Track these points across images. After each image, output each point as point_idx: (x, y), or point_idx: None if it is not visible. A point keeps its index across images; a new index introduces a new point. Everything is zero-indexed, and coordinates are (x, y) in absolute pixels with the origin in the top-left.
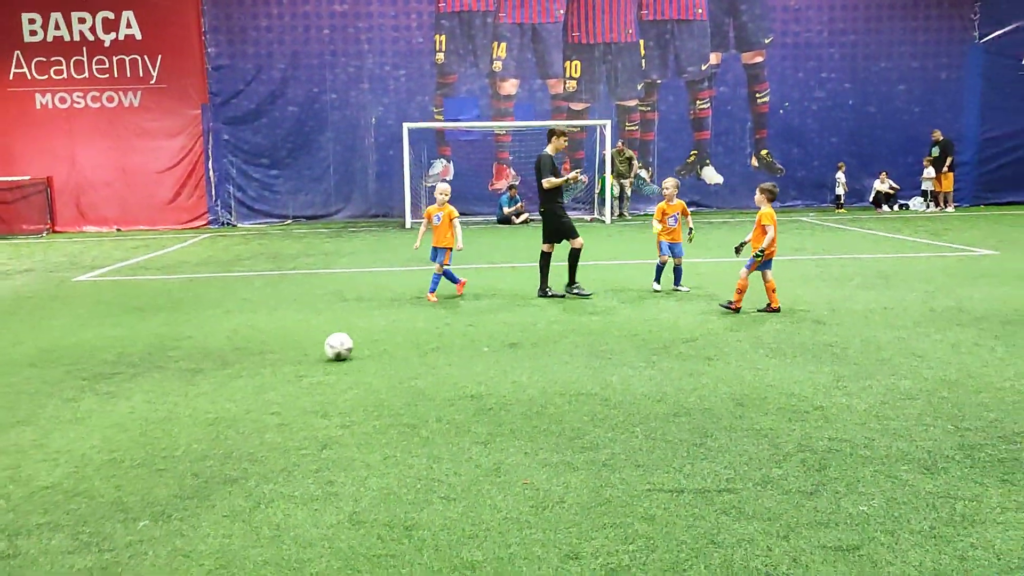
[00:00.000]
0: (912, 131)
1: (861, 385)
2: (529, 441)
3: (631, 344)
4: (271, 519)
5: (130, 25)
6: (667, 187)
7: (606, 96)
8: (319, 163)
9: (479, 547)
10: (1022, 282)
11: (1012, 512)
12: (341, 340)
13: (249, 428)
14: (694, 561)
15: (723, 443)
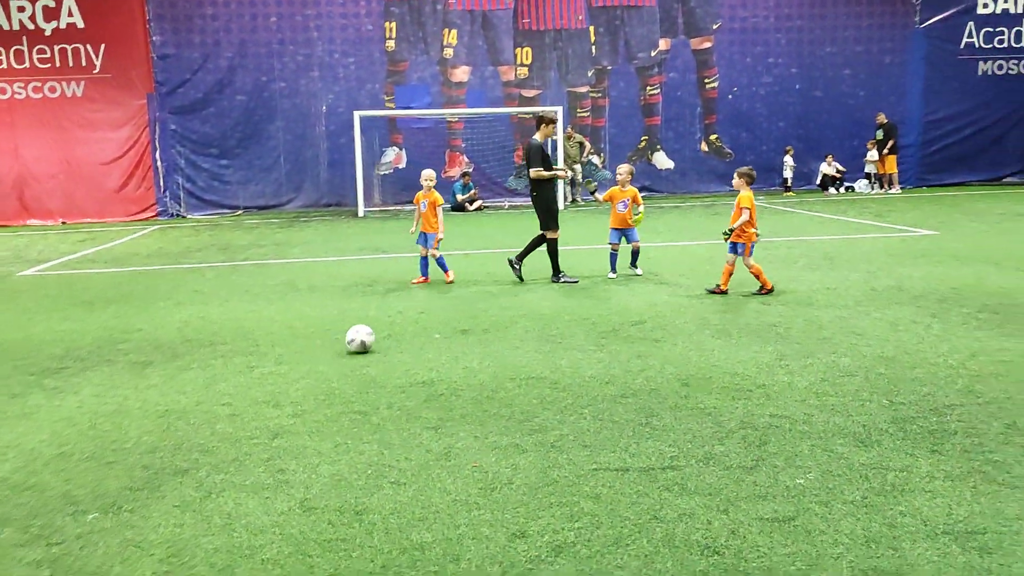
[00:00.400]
0: (857, 114)
1: (802, 363)
2: (479, 425)
3: (581, 328)
4: (222, 508)
5: (72, 14)
6: (620, 172)
7: (557, 83)
8: (269, 152)
9: (428, 529)
10: (958, 261)
11: (939, 480)
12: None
13: (200, 419)
14: (637, 536)
15: (668, 422)
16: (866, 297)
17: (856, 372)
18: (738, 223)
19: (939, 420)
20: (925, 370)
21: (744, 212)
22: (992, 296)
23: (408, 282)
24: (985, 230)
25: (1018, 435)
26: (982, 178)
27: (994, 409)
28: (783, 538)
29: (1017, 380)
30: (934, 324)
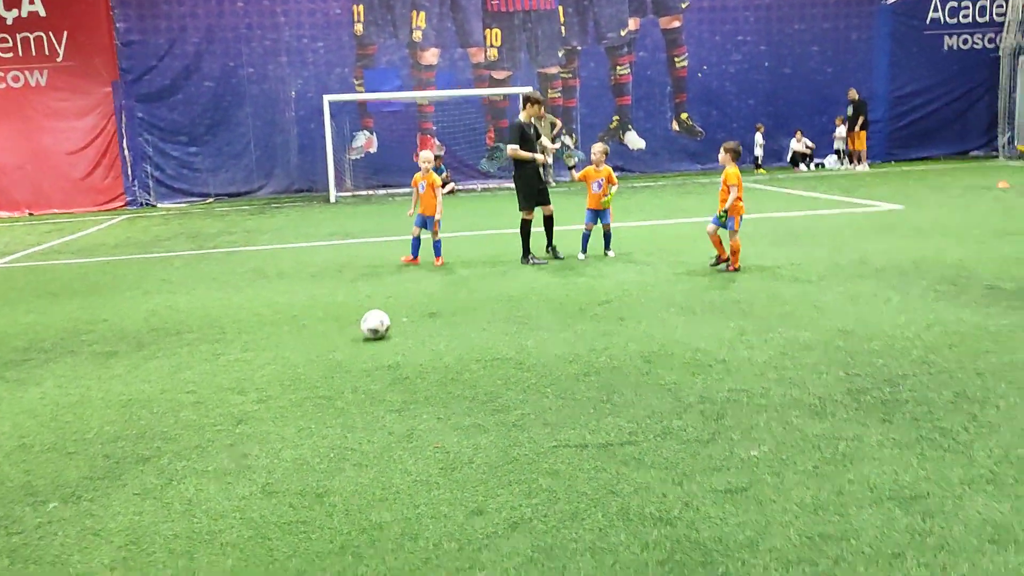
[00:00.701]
0: (826, 91)
1: (763, 338)
2: (443, 407)
3: (548, 309)
4: (183, 494)
5: (33, 2)
6: (595, 152)
7: (527, 64)
8: (239, 139)
9: (388, 509)
10: (921, 235)
11: (888, 448)
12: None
13: (163, 408)
14: (592, 510)
15: (629, 399)
16: (829, 272)
17: (815, 346)
18: (729, 202)
19: (892, 390)
20: (882, 342)
21: (732, 190)
22: (951, 268)
23: (377, 266)
24: (948, 204)
25: (966, 403)
26: (948, 152)
27: (945, 378)
28: (735, 508)
29: (969, 350)
30: (894, 297)
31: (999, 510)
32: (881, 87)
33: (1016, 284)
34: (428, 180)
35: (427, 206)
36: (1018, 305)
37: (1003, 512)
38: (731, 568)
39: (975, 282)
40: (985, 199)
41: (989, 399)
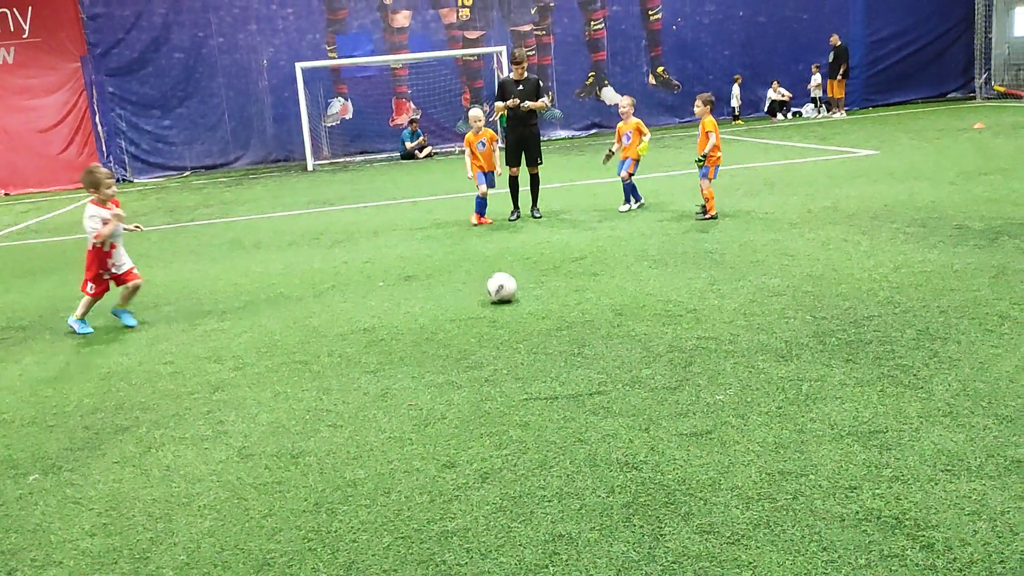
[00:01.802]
0: (802, 38)
1: (733, 287)
2: (417, 366)
3: (523, 267)
4: (161, 461)
5: None
6: (623, 105)
7: (500, 22)
8: (213, 111)
9: (362, 466)
10: (894, 179)
11: (850, 387)
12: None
13: (141, 379)
14: (561, 458)
15: (599, 351)
16: (801, 219)
17: (784, 292)
18: (708, 148)
19: (857, 331)
20: (849, 285)
21: (710, 136)
22: (921, 211)
23: (354, 232)
24: (923, 147)
25: (928, 340)
26: (926, 95)
27: (909, 317)
28: (699, 451)
29: (934, 289)
30: (863, 241)
31: (953, 440)
32: (857, 32)
33: (984, 223)
34: (488, 136)
35: (489, 162)
36: (984, 244)
37: (957, 443)
38: (694, 507)
39: (944, 223)
40: (960, 141)
41: (951, 335)
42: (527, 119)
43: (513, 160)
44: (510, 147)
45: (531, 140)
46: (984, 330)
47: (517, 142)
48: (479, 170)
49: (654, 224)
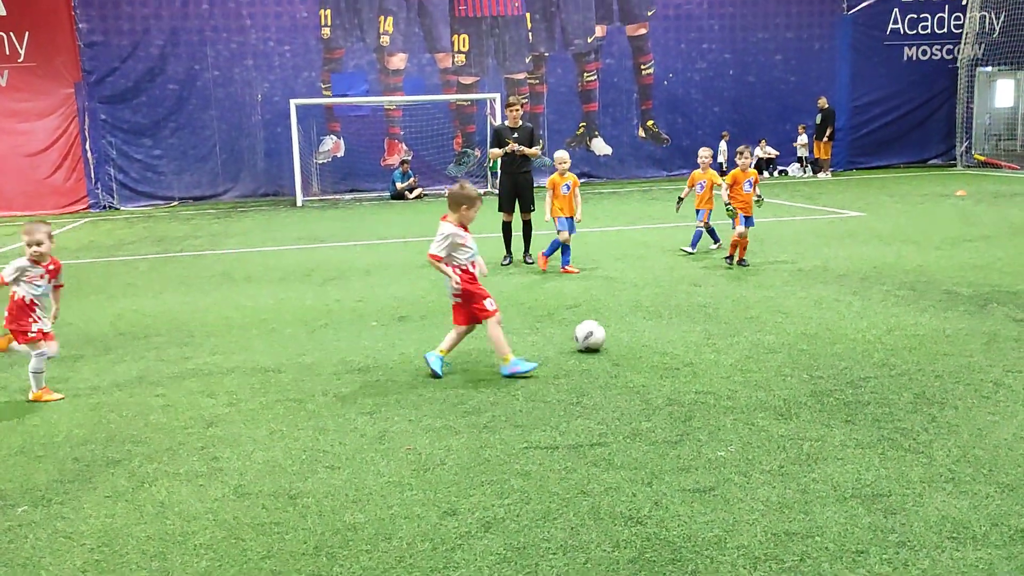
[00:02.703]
0: (789, 99)
1: (728, 342)
2: (414, 409)
3: (517, 312)
4: (155, 497)
5: None
6: (702, 157)
7: (495, 69)
8: (204, 142)
9: (361, 510)
10: (881, 241)
11: (851, 448)
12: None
13: (132, 411)
14: (564, 510)
15: (598, 401)
16: (793, 277)
17: (779, 349)
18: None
19: (854, 392)
20: (844, 345)
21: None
22: (910, 274)
23: (346, 270)
24: (908, 211)
25: (925, 404)
26: (908, 160)
27: (905, 380)
28: (703, 507)
29: (928, 353)
30: (855, 302)
31: (957, 507)
32: (843, 96)
33: (972, 289)
34: (573, 180)
35: (569, 206)
36: (974, 310)
37: (961, 510)
38: (700, 565)
39: (933, 287)
40: (944, 207)
41: (947, 400)
42: (522, 165)
43: (508, 206)
44: (505, 193)
45: (526, 187)
46: (980, 396)
47: (512, 188)
48: (560, 214)
49: (646, 274)
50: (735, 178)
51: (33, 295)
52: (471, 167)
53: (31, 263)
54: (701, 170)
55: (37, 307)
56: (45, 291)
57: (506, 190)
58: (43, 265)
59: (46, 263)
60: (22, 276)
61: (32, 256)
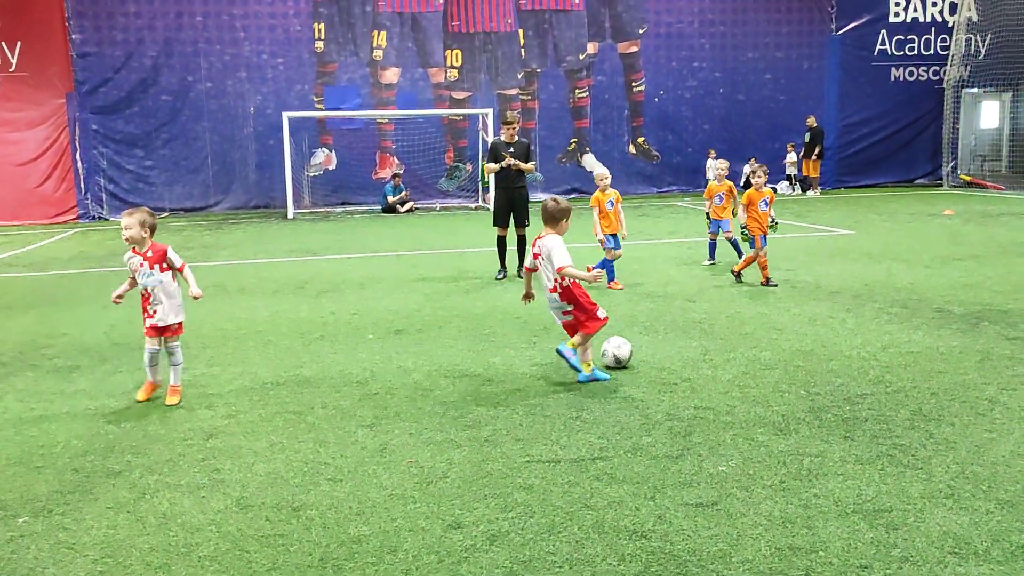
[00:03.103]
0: (778, 118)
1: (725, 357)
2: (414, 422)
3: (514, 327)
4: (157, 508)
5: None
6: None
7: (487, 85)
8: (196, 153)
9: (365, 523)
10: (871, 259)
11: (851, 464)
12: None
13: (131, 422)
14: (568, 523)
15: (597, 415)
16: (786, 294)
17: (776, 365)
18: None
19: (852, 408)
20: (840, 362)
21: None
22: (901, 292)
23: (339, 283)
24: (896, 229)
25: (922, 421)
26: (895, 179)
27: (901, 397)
28: (706, 521)
29: (923, 370)
30: (848, 319)
31: (958, 523)
32: (831, 115)
33: (963, 308)
34: (616, 196)
35: (613, 224)
36: (966, 328)
37: (961, 525)
38: None
39: (925, 305)
40: (932, 226)
41: (944, 417)
42: (517, 180)
43: (502, 221)
44: (500, 208)
45: (520, 202)
46: (976, 414)
47: (507, 203)
48: (607, 232)
49: (640, 291)
50: (750, 198)
51: (144, 285)
52: (462, 181)
53: (130, 252)
54: (717, 182)
55: (150, 299)
56: (155, 281)
57: (500, 205)
58: (141, 253)
59: (143, 250)
60: (128, 266)
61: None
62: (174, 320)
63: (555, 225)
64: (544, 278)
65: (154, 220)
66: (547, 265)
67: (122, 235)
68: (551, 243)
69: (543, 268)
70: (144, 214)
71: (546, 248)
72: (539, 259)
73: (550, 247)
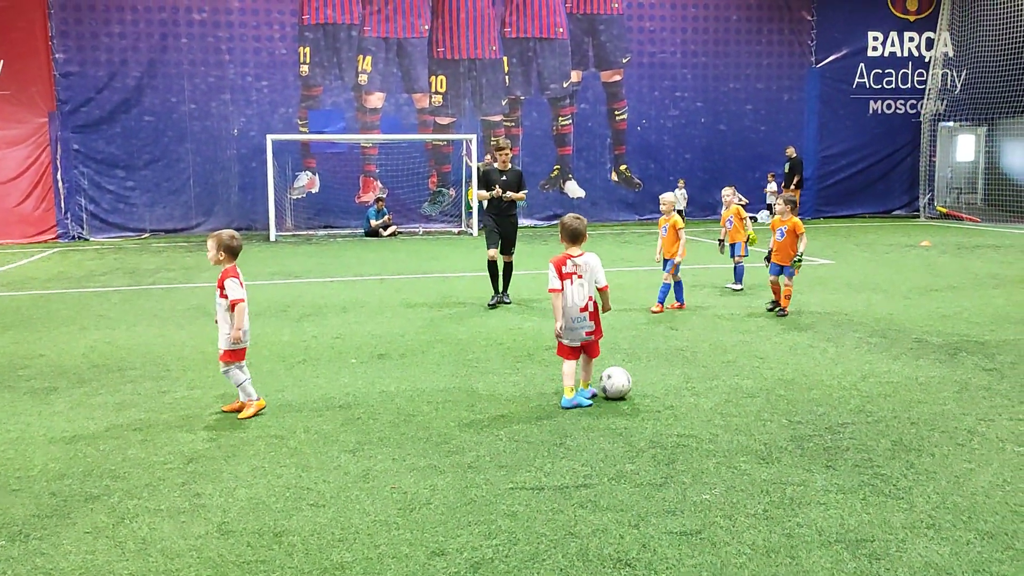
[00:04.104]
0: (759, 148)
1: (708, 385)
2: (397, 448)
3: (497, 352)
4: (136, 533)
5: None
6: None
7: (471, 111)
8: (178, 175)
9: (348, 549)
10: (851, 289)
11: (833, 494)
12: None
13: (110, 445)
14: (553, 551)
15: (581, 442)
16: (768, 322)
17: (758, 393)
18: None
19: (833, 438)
20: (821, 391)
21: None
22: (880, 322)
23: (322, 306)
24: (875, 260)
25: (903, 451)
26: (873, 211)
27: (882, 427)
28: (691, 550)
29: (903, 400)
30: (829, 348)
31: (939, 554)
32: (810, 146)
33: (942, 338)
34: (671, 222)
35: (668, 248)
36: (944, 358)
37: (943, 556)
38: None
39: (904, 336)
40: (909, 257)
41: (924, 447)
42: (509, 208)
43: (495, 242)
44: (491, 230)
45: (511, 230)
46: (955, 444)
47: (498, 230)
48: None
49: (622, 317)
50: (772, 225)
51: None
52: (445, 206)
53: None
54: (725, 207)
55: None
56: (217, 304)
57: (491, 227)
58: (220, 278)
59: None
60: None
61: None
62: (221, 346)
63: (582, 242)
64: (573, 297)
65: (233, 242)
66: (585, 282)
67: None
68: (595, 261)
69: (579, 285)
70: (221, 236)
71: (591, 266)
72: (571, 279)
73: (595, 266)
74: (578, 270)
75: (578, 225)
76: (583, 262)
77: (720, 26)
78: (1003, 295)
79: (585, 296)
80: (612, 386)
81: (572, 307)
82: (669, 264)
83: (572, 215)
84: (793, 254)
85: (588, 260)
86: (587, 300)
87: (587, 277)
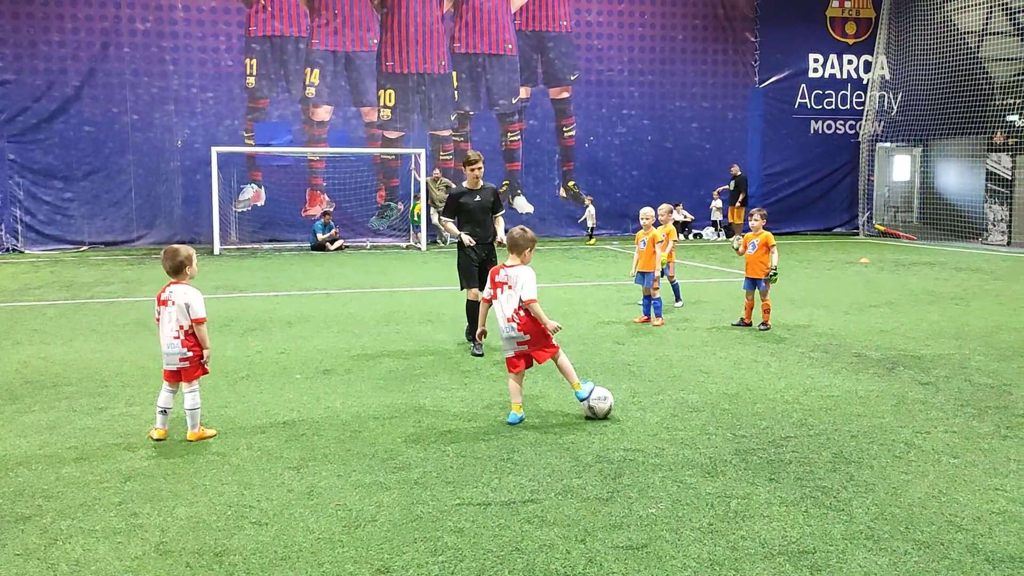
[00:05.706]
0: (705, 166)
1: (654, 400)
2: (342, 464)
3: (444, 368)
4: (69, 555)
5: None
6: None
7: (420, 125)
8: (119, 186)
9: (291, 568)
10: (793, 305)
11: (776, 506)
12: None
13: (43, 464)
14: (499, 568)
15: (528, 457)
16: (712, 337)
17: (703, 408)
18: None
19: (776, 451)
20: (764, 405)
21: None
22: (822, 337)
23: (266, 321)
24: (816, 276)
25: (843, 463)
26: (814, 228)
27: (824, 440)
28: (636, 564)
29: (843, 413)
30: (772, 363)
31: (878, 564)
32: (754, 164)
33: (880, 353)
34: (649, 236)
35: (646, 262)
36: (882, 373)
37: (882, 566)
38: None
39: (844, 350)
40: (849, 273)
41: (863, 460)
42: (485, 233)
43: (472, 282)
44: (467, 266)
45: (491, 260)
46: (893, 456)
47: (475, 261)
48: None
49: (569, 332)
50: (745, 240)
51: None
52: (393, 220)
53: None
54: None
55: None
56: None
57: (467, 263)
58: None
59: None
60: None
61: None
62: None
63: (521, 254)
64: (502, 307)
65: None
66: (511, 295)
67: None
68: (524, 274)
69: (504, 298)
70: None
71: (518, 278)
72: (501, 288)
73: (523, 278)
74: (508, 280)
75: (516, 237)
76: (510, 273)
77: (666, 45)
78: (938, 311)
79: (512, 307)
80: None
81: (500, 317)
82: (649, 278)
83: (520, 227)
84: (766, 267)
85: (517, 272)
86: (513, 311)
87: (516, 289)
